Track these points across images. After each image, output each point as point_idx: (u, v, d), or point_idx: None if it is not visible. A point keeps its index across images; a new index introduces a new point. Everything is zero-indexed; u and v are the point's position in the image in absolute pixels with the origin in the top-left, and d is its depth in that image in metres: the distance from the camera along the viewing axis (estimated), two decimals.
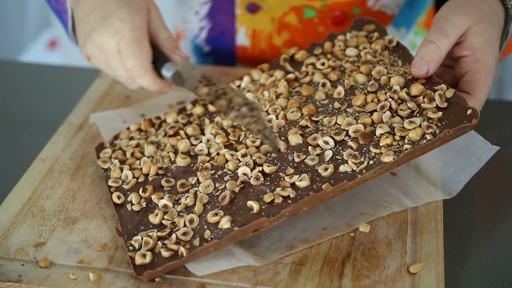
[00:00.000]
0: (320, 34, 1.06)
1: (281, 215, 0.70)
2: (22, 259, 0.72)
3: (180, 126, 0.86)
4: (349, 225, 0.75)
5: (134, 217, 0.75)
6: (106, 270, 0.71)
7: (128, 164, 0.82)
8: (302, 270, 0.70)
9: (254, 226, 0.70)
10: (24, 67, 1.34)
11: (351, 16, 1.05)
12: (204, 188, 0.75)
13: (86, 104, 0.99)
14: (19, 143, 1.01)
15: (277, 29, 1.07)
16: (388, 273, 0.70)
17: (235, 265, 0.71)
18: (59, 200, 0.80)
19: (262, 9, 1.06)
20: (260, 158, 0.76)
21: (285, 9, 1.05)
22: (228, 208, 0.72)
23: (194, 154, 0.81)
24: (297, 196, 0.71)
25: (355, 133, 0.76)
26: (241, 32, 1.09)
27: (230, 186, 0.75)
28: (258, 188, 0.73)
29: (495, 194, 0.88)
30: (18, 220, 0.77)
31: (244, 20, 1.08)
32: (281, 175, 0.74)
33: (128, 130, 0.88)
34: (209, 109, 0.87)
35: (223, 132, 0.82)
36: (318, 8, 1.04)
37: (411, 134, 0.73)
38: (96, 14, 0.82)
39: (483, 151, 0.78)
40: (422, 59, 0.76)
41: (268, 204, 0.71)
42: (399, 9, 1.08)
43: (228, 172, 0.77)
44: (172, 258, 0.69)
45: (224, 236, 0.69)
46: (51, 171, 0.85)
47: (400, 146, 0.73)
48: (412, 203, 0.78)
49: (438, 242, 0.73)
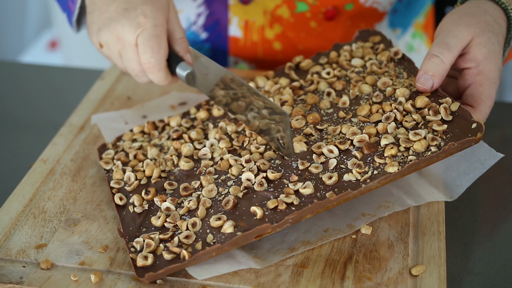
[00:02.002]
0: (312, 29, 1.07)
1: (284, 222, 0.70)
2: (23, 261, 0.72)
3: (184, 130, 0.86)
4: (350, 227, 0.75)
5: (136, 219, 0.75)
6: (107, 272, 0.71)
7: (131, 166, 0.82)
8: (304, 272, 0.70)
9: (257, 232, 0.70)
10: (25, 68, 1.34)
11: (343, 12, 1.05)
12: (208, 192, 0.75)
13: (87, 105, 0.99)
14: (20, 144, 1.01)
15: (269, 22, 1.08)
16: (390, 275, 0.70)
17: (236, 268, 0.71)
18: (60, 201, 0.80)
19: (254, 1, 1.06)
20: (264, 164, 0.77)
21: (277, 2, 1.05)
22: (231, 213, 0.72)
23: (197, 158, 0.81)
24: (301, 204, 0.71)
25: (359, 143, 0.76)
26: (234, 23, 1.09)
27: (234, 191, 0.75)
28: (261, 194, 0.73)
29: (498, 196, 0.88)
30: (19, 222, 0.77)
31: (236, 10, 1.08)
32: (285, 182, 0.74)
33: (131, 132, 0.88)
34: (213, 114, 0.87)
35: (227, 137, 0.82)
36: (310, 2, 1.04)
37: (416, 145, 0.73)
38: (118, 4, 0.83)
39: (487, 157, 0.78)
40: (427, 74, 0.77)
41: (271, 210, 0.71)
42: (391, 7, 1.08)
43: (232, 177, 0.77)
44: (174, 261, 0.69)
45: (227, 241, 0.69)
46: (52, 172, 0.85)
47: (404, 157, 0.73)
48: (414, 202, 0.78)
49: (440, 244, 0.73)
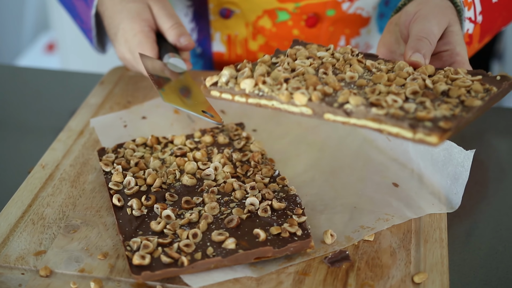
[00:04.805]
0: (295, 37, 1.07)
1: (286, 249, 0.70)
2: (22, 268, 0.71)
3: (187, 150, 0.85)
4: (348, 239, 0.75)
5: (133, 221, 0.74)
6: (107, 279, 0.70)
7: (132, 172, 0.82)
8: (305, 280, 0.70)
9: (258, 253, 0.70)
10: (22, 71, 1.33)
11: (325, 18, 1.05)
12: (210, 209, 0.75)
13: (86, 110, 0.98)
14: (19, 149, 1.00)
15: (252, 34, 1.08)
16: (393, 283, 0.69)
17: (231, 277, 0.70)
18: (60, 207, 0.80)
19: (235, 14, 1.06)
20: (269, 194, 0.76)
21: (258, 13, 1.05)
22: (233, 231, 0.72)
23: (200, 177, 0.80)
24: (303, 236, 0.71)
25: (413, 95, 0.69)
26: (217, 38, 1.10)
27: (237, 212, 0.74)
28: (264, 220, 0.73)
29: (499, 202, 0.87)
30: (18, 228, 0.77)
31: (218, 26, 1.08)
32: (288, 213, 0.74)
33: (133, 142, 0.87)
34: (218, 141, 0.87)
35: (231, 164, 0.82)
36: (291, 10, 1.04)
37: (475, 86, 0.71)
38: (110, 31, 0.96)
39: (463, 158, 0.79)
40: (419, 52, 0.77)
41: (274, 236, 0.71)
42: (377, 11, 1.09)
43: (235, 200, 0.77)
44: (171, 265, 0.69)
45: (228, 256, 0.69)
46: (52, 178, 0.84)
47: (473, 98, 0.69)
48: (413, 214, 0.77)
49: (443, 252, 0.73)
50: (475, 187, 0.78)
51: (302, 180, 0.84)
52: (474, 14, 0.87)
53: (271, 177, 0.80)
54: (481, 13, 0.88)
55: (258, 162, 0.82)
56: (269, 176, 0.80)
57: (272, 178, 0.80)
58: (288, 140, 0.91)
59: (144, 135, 0.91)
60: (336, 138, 0.91)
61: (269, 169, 0.81)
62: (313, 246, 0.72)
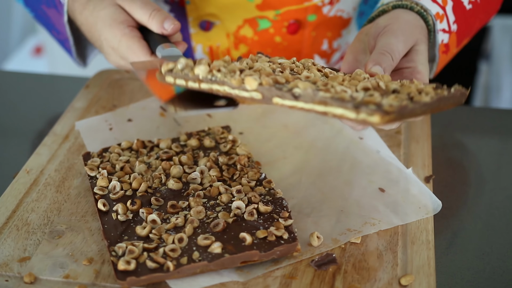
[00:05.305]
0: (277, 44, 1.06)
1: (272, 253, 0.70)
2: (6, 275, 0.71)
3: (173, 153, 0.85)
4: (335, 241, 0.74)
5: (118, 226, 0.74)
6: (92, 285, 0.69)
7: (117, 176, 0.81)
8: (292, 283, 0.69)
9: (244, 257, 0.69)
10: (8, 75, 1.32)
11: (307, 24, 1.05)
12: (196, 214, 0.74)
13: (71, 114, 0.97)
14: (3, 154, 0.99)
15: (233, 44, 1.07)
16: (380, 286, 0.69)
17: (218, 281, 0.69)
18: (44, 213, 0.79)
19: (215, 25, 1.05)
20: (255, 197, 0.76)
21: (239, 23, 1.04)
22: (219, 235, 0.72)
23: (186, 181, 0.80)
24: (289, 239, 0.71)
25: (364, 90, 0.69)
26: (199, 51, 1.09)
27: (223, 216, 0.74)
28: (251, 223, 0.73)
29: (486, 203, 0.88)
30: (1, 234, 0.76)
31: (199, 38, 1.07)
32: (275, 216, 0.74)
33: (119, 146, 0.87)
34: (204, 145, 0.86)
35: (217, 167, 0.82)
36: (271, 18, 1.03)
37: (426, 88, 0.70)
38: (96, 45, 0.92)
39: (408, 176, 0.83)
40: (380, 66, 0.77)
41: (260, 240, 0.71)
42: (356, 11, 1.09)
43: (221, 203, 0.76)
44: (157, 270, 0.68)
45: (214, 260, 0.69)
46: (36, 183, 0.84)
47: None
48: (400, 221, 0.77)
49: (429, 253, 0.73)
50: (462, 188, 0.78)
51: (288, 183, 0.83)
52: (447, 25, 0.87)
53: (258, 180, 0.80)
54: (455, 22, 0.89)
55: (245, 165, 0.82)
56: (256, 179, 0.80)
57: (259, 181, 0.80)
58: (275, 143, 0.91)
59: (130, 138, 0.90)
60: (323, 140, 0.91)
61: (255, 172, 0.80)
62: (299, 249, 0.72)
